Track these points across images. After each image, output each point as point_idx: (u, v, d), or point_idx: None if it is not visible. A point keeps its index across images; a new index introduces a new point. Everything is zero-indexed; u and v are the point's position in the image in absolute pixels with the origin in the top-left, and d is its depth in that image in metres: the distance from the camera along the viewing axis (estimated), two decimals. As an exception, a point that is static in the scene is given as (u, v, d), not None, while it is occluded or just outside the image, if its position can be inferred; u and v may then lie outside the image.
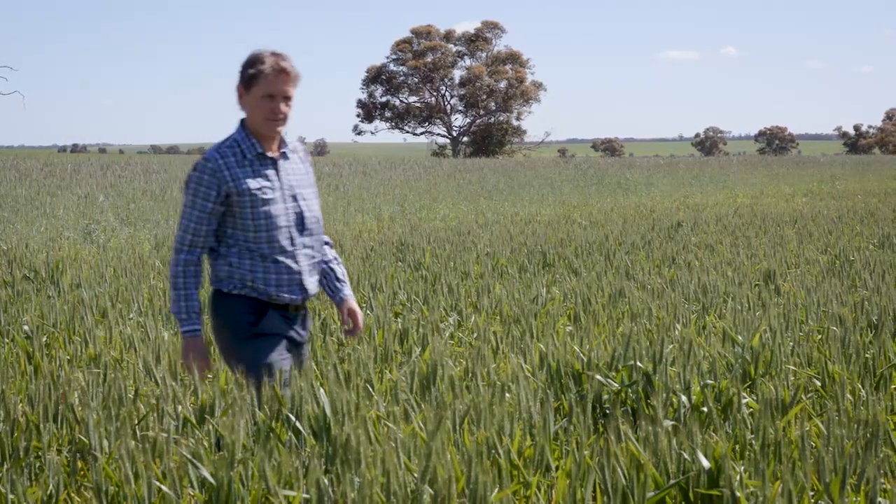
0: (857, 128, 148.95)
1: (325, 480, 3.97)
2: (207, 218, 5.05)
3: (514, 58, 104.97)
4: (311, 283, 5.23)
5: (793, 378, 5.68)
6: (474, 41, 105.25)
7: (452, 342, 7.60)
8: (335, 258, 5.47)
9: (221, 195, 5.03)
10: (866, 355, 6.28)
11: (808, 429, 4.83)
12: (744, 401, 5.20)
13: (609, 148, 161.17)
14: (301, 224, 5.19)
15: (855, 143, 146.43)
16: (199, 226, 5.05)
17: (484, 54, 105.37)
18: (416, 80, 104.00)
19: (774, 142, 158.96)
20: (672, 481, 3.93)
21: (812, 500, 3.59)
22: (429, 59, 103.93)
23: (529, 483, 4.13)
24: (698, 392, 5.45)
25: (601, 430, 5.27)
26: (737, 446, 4.62)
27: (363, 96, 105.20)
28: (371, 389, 5.59)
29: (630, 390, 5.69)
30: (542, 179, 44.38)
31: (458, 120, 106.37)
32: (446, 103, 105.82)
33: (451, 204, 26.90)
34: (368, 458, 4.04)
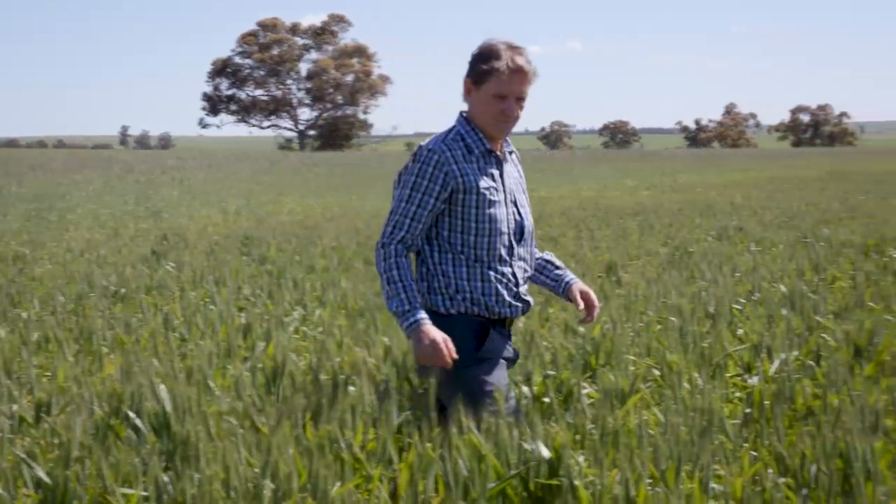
0: (697, 122, 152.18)
1: (165, 477, 3.92)
2: (427, 214, 4.56)
3: (360, 51, 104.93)
4: (527, 296, 4.80)
5: (632, 368, 5.77)
6: (321, 34, 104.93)
7: (297, 336, 7.55)
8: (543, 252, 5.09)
9: (446, 190, 4.55)
10: (703, 345, 6.42)
11: (646, 417, 4.92)
12: (584, 391, 5.27)
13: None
14: (520, 233, 4.78)
15: (695, 136, 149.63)
16: (415, 222, 4.55)
17: (330, 47, 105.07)
18: (263, 73, 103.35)
19: (618, 136, 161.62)
20: (513, 472, 3.96)
21: (648, 488, 3.66)
22: (275, 51, 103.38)
23: (371, 476, 4.13)
24: (540, 383, 5.51)
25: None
26: (577, 436, 4.67)
27: (208, 89, 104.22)
28: (213, 385, 5.53)
29: (473, 382, 5.71)
30: (389, 173, 44.33)
31: (305, 113, 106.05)
32: (293, 97, 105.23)
33: (297, 198, 26.76)
34: (209, 454, 4.00)
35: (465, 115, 4.68)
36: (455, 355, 4.40)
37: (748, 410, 5.20)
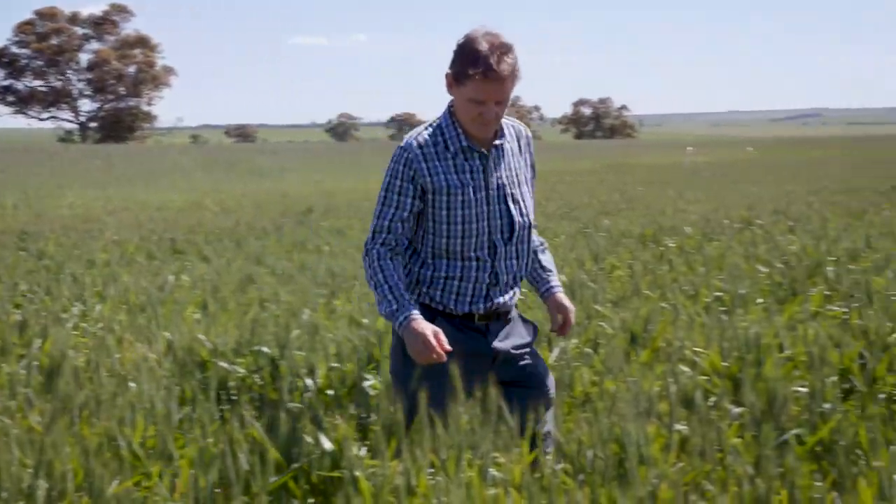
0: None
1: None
2: (407, 214, 4.26)
3: (143, 42, 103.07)
4: (505, 295, 4.39)
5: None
6: (101, 24, 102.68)
7: (76, 333, 7.37)
8: (541, 244, 4.66)
9: (418, 190, 4.27)
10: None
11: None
12: (368, 383, 5.28)
13: (242, 134, 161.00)
14: (509, 231, 4.38)
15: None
16: (395, 223, 4.25)
17: (112, 38, 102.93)
18: (41, 63, 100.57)
19: (406, 127, 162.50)
20: (294, 465, 3.95)
21: (430, 477, 3.68)
22: (54, 41, 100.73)
23: (151, 473, 4.06)
24: (324, 375, 5.50)
25: (227, 416, 5.23)
26: (361, 427, 4.69)
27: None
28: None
29: (257, 376, 5.68)
30: (173, 166, 43.85)
31: (86, 105, 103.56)
32: (73, 88, 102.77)
33: (78, 191, 26.13)
34: (-21, 455, 3.87)
35: (451, 106, 4.36)
36: (448, 346, 4.09)
37: (529, 398, 5.28)
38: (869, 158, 44.81)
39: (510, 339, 4.41)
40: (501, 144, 4.41)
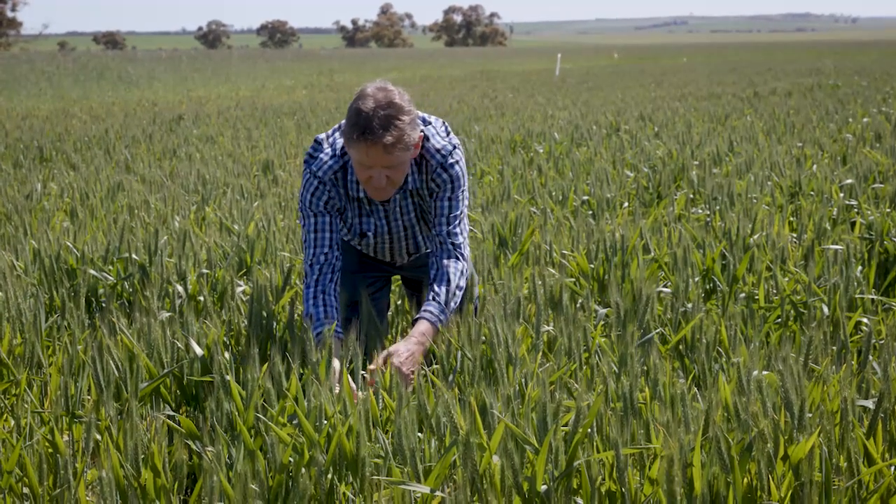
0: (354, 22, 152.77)
1: None
2: (328, 224, 4.31)
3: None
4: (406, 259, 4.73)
5: (287, 264, 5.80)
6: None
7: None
8: (442, 268, 4.33)
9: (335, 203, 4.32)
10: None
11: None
12: (239, 289, 5.29)
13: (111, 41, 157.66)
14: (415, 251, 4.62)
15: (353, 36, 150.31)
16: (321, 234, 4.33)
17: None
18: None
19: (276, 35, 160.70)
20: (165, 370, 3.95)
21: (299, 382, 3.73)
22: None
23: (20, 381, 4.04)
24: (194, 282, 5.49)
25: (97, 324, 5.20)
26: (231, 332, 4.70)
27: None
28: None
29: (126, 283, 5.65)
30: (39, 73, 42.88)
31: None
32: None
33: (-61, 99, 25.44)
34: None
35: None
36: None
37: (399, 302, 5.34)
38: (731, 65, 45.40)
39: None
40: (404, 190, 4.31)
